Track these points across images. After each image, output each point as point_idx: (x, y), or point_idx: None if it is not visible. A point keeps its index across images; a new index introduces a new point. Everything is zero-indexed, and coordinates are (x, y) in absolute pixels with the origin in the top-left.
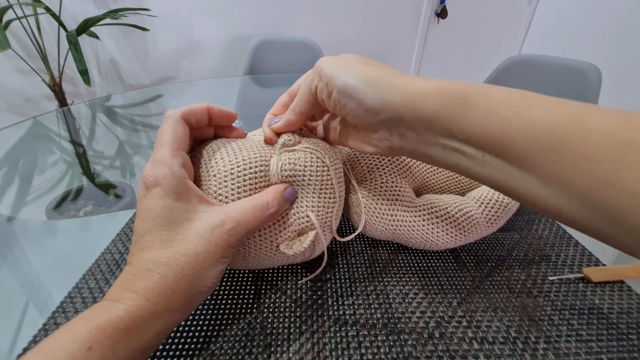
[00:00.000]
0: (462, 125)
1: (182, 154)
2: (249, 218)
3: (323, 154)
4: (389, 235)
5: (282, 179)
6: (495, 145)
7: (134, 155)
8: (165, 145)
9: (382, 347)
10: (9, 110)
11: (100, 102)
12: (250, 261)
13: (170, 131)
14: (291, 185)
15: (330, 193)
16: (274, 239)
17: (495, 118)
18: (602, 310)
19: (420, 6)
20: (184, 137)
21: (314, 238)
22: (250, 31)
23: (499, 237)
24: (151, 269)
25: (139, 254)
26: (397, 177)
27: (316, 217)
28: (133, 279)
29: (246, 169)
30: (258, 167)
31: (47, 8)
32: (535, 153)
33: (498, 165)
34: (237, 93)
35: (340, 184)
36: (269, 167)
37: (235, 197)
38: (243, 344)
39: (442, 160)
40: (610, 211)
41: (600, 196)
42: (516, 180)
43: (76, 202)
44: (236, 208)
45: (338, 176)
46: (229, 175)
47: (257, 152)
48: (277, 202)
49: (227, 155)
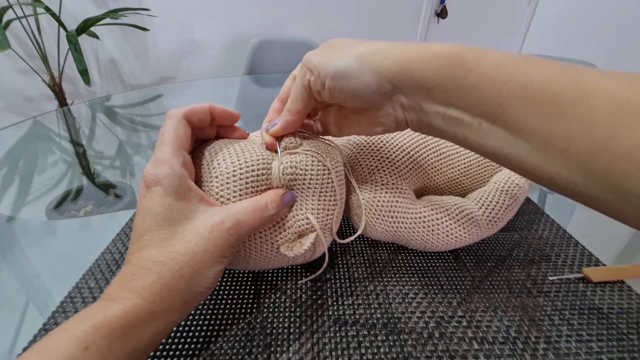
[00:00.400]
0: (460, 91)
1: (183, 154)
2: (249, 217)
3: (324, 156)
4: (390, 237)
5: (284, 182)
6: (492, 111)
7: (134, 155)
8: (167, 144)
9: (382, 347)
10: (9, 110)
11: (100, 102)
12: (251, 262)
13: (172, 130)
14: (292, 189)
15: (331, 195)
16: (274, 240)
17: (491, 81)
18: (602, 310)
19: (420, 6)
20: (186, 137)
21: (314, 240)
22: (250, 31)
23: (499, 237)
24: (149, 267)
25: (137, 253)
26: (398, 179)
27: (316, 219)
28: (131, 277)
29: (248, 171)
30: (260, 170)
31: (47, 8)
32: (532, 118)
33: (494, 133)
34: (237, 93)
35: (342, 186)
36: (270, 169)
37: (236, 199)
38: (243, 344)
39: (442, 129)
40: (607, 177)
41: (597, 162)
42: (512, 148)
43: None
44: (236, 207)
45: (339, 178)
46: (231, 177)
47: (259, 154)
48: (276, 204)
49: (229, 156)
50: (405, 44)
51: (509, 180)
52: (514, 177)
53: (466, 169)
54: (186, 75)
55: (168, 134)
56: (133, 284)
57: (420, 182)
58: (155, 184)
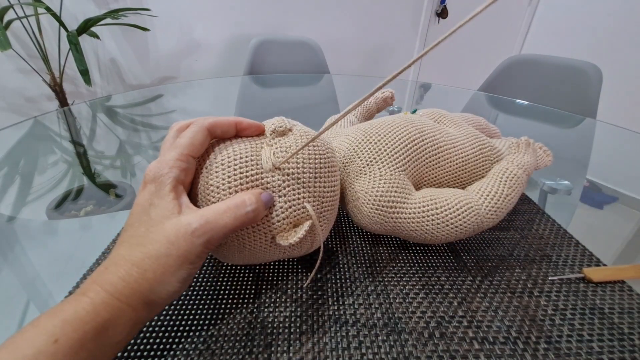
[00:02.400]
0: None
1: (188, 160)
2: (221, 216)
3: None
4: (389, 230)
5: (276, 166)
6: None
7: (134, 155)
8: (177, 148)
9: (383, 347)
10: (9, 110)
11: (100, 102)
12: (245, 254)
13: (189, 137)
14: (284, 175)
15: (325, 182)
16: (268, 230)
17: None
18: (602, 310)
19: (420, 6)
20: (201, 146)
21: (310, 228)
22: (250, 31)
23: (499, 237)
24: (120, 264)
25: (117, 248)
26: (396, 171)
27: (312, 206)
28: (104, 271)
29: (236, 159)
30: (248, 157)
31: (47, 8)
32: None
33: None
34: (237, 93)
35: (335, 173)
36: (260, 156)
37: (225, 186)
38: (243, 344)
39: None
40: None
41: None
42: None
43: (77, 202)
44: (209, 208)
45: (331, 165)
46: (220, 165)
47: (248, 142)
48: (254, 199)
49: (219, 149)
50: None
51: (507, 171)
52: (512, 168)
53: (464, 162)
54: (187, 75)
55: (184, 139)
56: (103, 277)
57: (419, 175)
58: (150, 182)
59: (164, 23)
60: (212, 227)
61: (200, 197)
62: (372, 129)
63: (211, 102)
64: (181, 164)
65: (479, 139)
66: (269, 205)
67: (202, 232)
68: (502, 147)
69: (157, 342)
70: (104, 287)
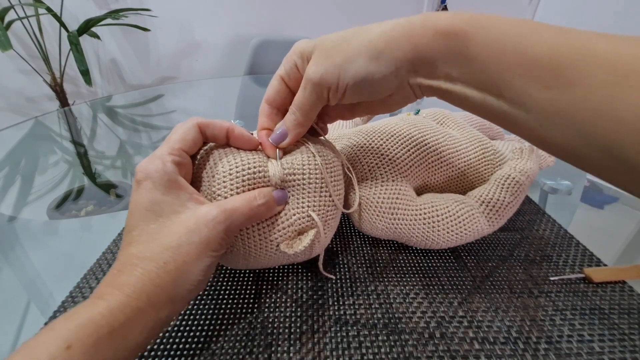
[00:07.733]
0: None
1: (181, 154)
2: (237, 206)
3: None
4: (390, 234)
5: (283, 178)
6: (494, 83)
7: (135, 155)
8: (168, 143)
9: (383, 347)
10: (10, 111)
11: (101, 102)
12: (250, 261)
13: (180, 132)
14: (290, 186)
15: (330, 191)
16: (274, 238)
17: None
18: (603, 310)
19: (420, 6)
20: (192, 143)
21: (314, 237)
22: (250, 31)
23: (500, 237)
24: (135, 263)
25: (125, 249)
26: (398, 176)
27: (317, 215)
28: (117, 274)
29: (245, 170)
30: (257, 168)
31: (48, 8)
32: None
33: (499, 107)
34: (237, 93)
35: (340, 182)
36: (267, 168)
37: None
38: (244, 344)
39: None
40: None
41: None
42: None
43: (77, 202)
44: (225, 201)
45: (336, 174)
46: (228, 175)
47: (257, 154)
48: (263, 195)
49: (225, 157)
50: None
51: (509, 177)
52: (514, 174)
53: (467, 167)
54: (187, 75)
55: (175, 135)
56: (119, 280)
57: (421, 180)
58: (144, 179)
59: (164, 23)
60: (230, 214)
61: None
62: (374, 133)
63: (211, 102)
64: (174, 157)
65: (482, 143)
66: (282, 203)
67: (223, 218)
68: (505, 149)
69: (157, 342)
70: (121, 288)
